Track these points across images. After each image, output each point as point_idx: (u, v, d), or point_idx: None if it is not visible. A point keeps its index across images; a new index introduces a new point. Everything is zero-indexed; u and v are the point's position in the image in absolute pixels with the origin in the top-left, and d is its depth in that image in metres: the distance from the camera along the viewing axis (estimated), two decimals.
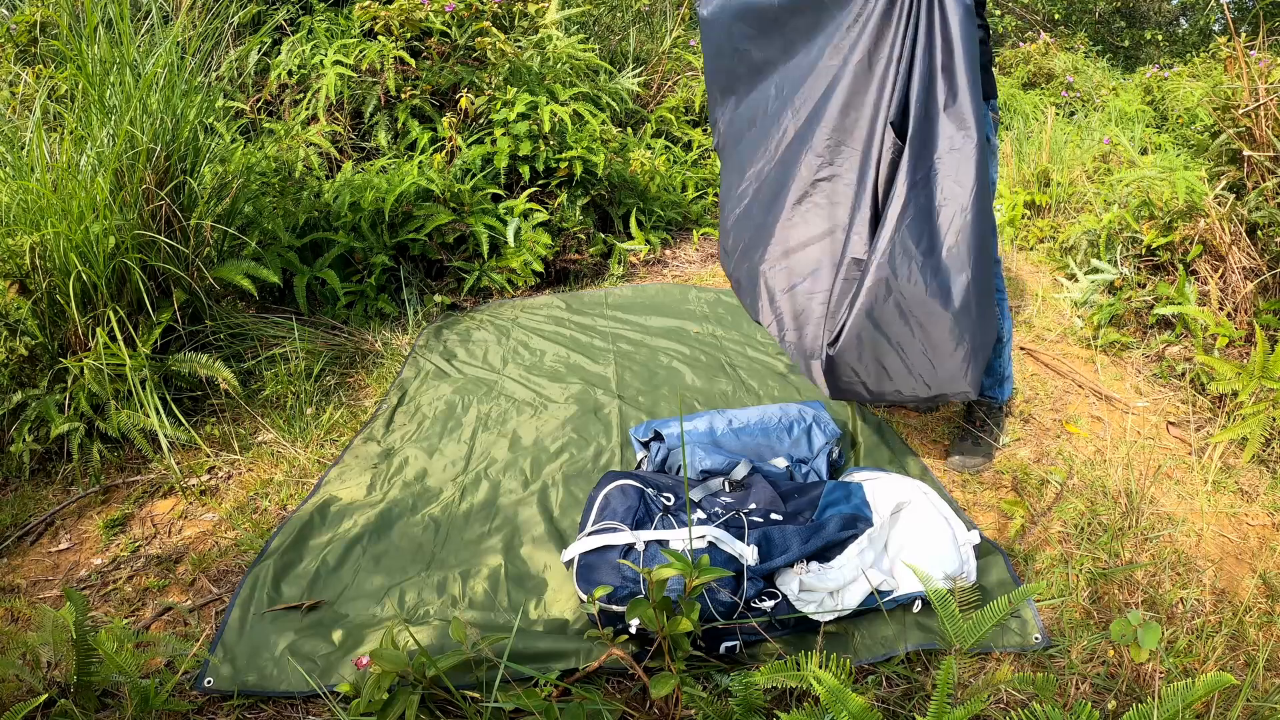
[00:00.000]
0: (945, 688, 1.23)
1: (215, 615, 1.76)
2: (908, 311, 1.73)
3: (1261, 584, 1.81)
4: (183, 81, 2.56)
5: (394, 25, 3.75)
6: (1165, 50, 10.26)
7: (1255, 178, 2.88)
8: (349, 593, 1.80)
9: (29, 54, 3.34)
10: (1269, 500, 2.11)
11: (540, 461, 2.30)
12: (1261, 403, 2.23)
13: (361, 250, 3.28)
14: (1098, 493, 2.11)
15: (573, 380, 2.77)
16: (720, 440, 2.18)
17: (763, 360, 2.94)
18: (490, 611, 1.73)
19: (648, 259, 4.10)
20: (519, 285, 3.57)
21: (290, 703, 1.53)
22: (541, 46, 4.20)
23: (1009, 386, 2.40)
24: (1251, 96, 2.88)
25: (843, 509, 1.84)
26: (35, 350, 2.26)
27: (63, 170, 2.28)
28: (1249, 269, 2.75)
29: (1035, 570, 1.86)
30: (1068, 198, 4.36)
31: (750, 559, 1.66)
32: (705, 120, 5.36)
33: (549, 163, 3.68)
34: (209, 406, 2.53)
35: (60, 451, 2.27)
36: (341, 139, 3.78)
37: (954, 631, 1.46)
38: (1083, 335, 3.10)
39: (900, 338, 1.76)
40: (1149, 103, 6.23)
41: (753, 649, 1.61)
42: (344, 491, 2.16)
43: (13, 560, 1.96)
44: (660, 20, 6.12)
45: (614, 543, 1.70)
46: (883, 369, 1.80)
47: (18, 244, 2.19)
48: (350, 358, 2.96)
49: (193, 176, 2.59)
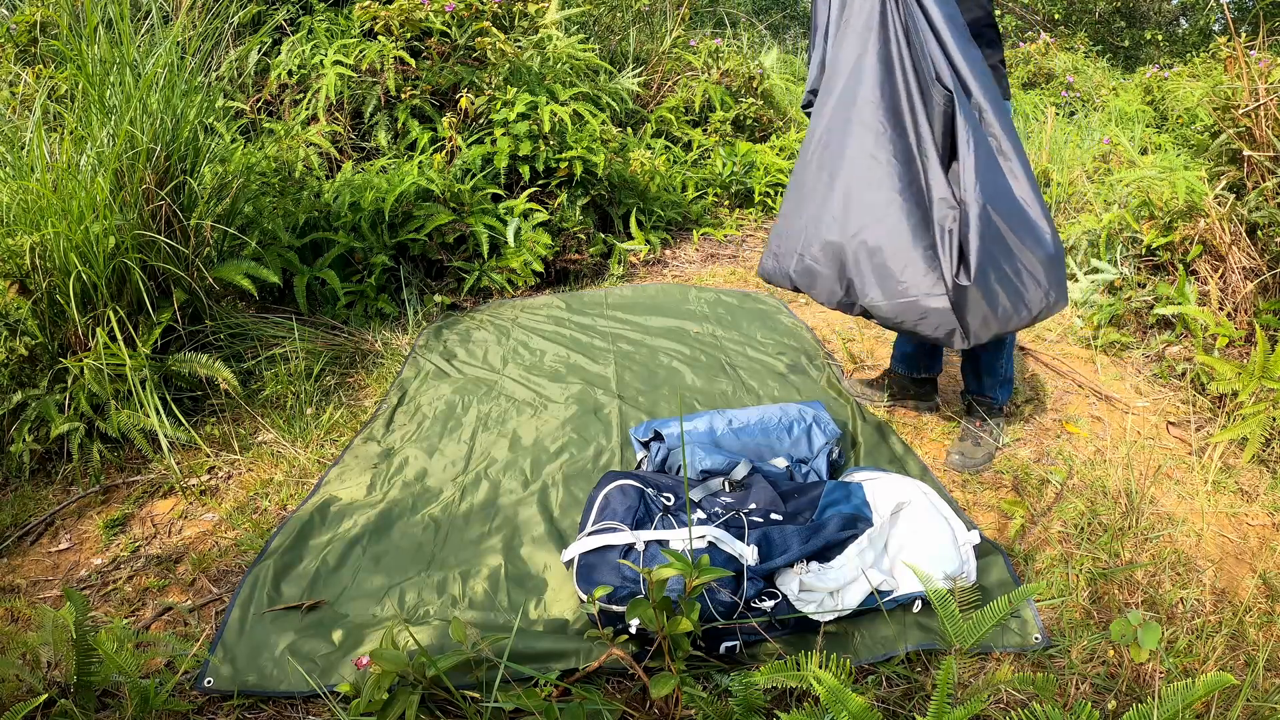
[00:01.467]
0: (945, 688, 1.23)
1: (215, 615, 1.76)
2: (1007, 236, 1.83)
3: (1261, 584, 1.81)
4: (183, 81, 2.56)
5: (394, 25, 3.75)
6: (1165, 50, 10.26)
7: (1255, 178, 2.88)
8: (349, 593, 1.80)
9: (29, 54, 3.34)
10: (1269, 500, 2.11)
11: (540, 461, 2.30)
12: (1261, 403, 2.23)
13: (361, 250, 3.28)
14: (1098, 493, 2.11)
15: (573, 380, 2.77)
16: (720, 440, 2.18)
17: (763, 360, 2.94)
18: (490, 611, 1.73)
19: (648, 259, 4.10)
20: (519, 285, 3.57)
21: (290, 703, 1.53)
22: (541, 46, 4.20)
23: (1010, 389, 2.40)
24: (1251, 96, 2.88)
25: (843, 509, 1.84)
26: (35, 350, 2.26)
27: (63, 170, 2.28)
28: (1249, 269, 2.75)
29: (1035, 570, 1.86)
30: (1068, 198, 4.36)
31: (750, 559, 1.66)
32: (705, 120, 5.37)
33: (549, 163, 3.69)
34: (209, 406, 2.53)
35: (60, 451, 2.27)
36: (341, 139, 3.78)
37: (954, 631, 1.46)
38: (1083, 335, 3.10)
39: (1008, 262, 1.85)
40: (1149, 103, 6.23)
41: (753, 649, 1.61)
42: (344, 491, 2.16)
43: (13, 560, 1.96)
44: (660, 20, 6.12)
45: (614, 543, 1.70)
46: (1001, 294, 1.86)
47: (18, 244, 2.19)
48: (350, 358, 2.96)
49: (193, 176, 2.59)
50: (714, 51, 5.68)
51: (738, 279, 3.93)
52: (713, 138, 5.16)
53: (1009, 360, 2.35)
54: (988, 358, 2.34)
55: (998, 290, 1.84)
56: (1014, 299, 1.86)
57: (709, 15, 7.91)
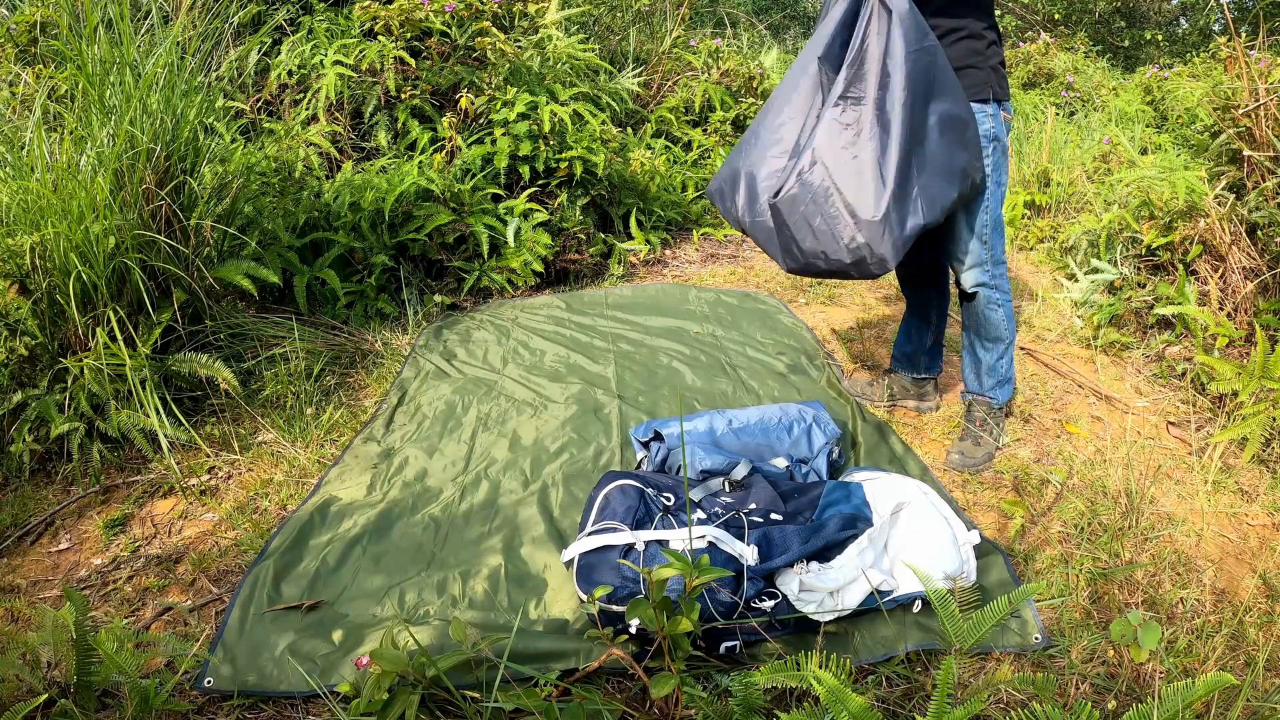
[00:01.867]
0: (945, 688, 1.23)
1: (215, 615, 1.76)
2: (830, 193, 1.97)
3: (1261, 584, 1.81)
4: (183, 81, 2.56)
5: (394, 25, 3.75)
6: (1165, 50, 10.26)
7: (1255, 178, 2.88)
8: (349, 593, 1.80)
9: (29, 54, 3.34)
10: (1269, 500, 2.11)
11: (540, 461, 2.30)
12: (1261, 403, 2.23)
13: (361, 250, 3.28)
14: (1098, 493, 2.11)
15: (573, 380, 2.77)
16: (720, 440, 2.18)
17: (763, 360, 2.94)
18: (490, 611, 1.73)
19: (648, 259, 4.10)
20: (519, 285, 3.57)
21: (290, 703, 1.53)
22: (541, 46, 4.20)
23: (1010, 389, 2.40)
24: (1251, 96, 2.88)
25: (843, 509, 1.84)
26: (35, 350, 2.26)
27: (63, 170, 2.28)
28: (1249, 269, 2.75)
29: (1035, 570, 1.86)
30: (1068, 198, 4.36)
31: (750, 559, 1.66)
32: (705, 120, 5.37)
33: (549, 163, 3.69)
34: (209, 406, 2.53)
35: (60, 451, 2.27)
36: (341, 139, 3.78)
37: (954, 631, 1.46)
38: (1083, 335, 3.10)
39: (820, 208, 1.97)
40: (1149, 103, 6.23)
41: (753, 649, 1.61)
42: (344, 491, 2.16)
43: (13, 560, 1.96)
44: (660, 20, 6.12)
45: (614, 543, 1.70)
46: (810, 229, 1.97)
47: (18, 244, 2.19)
48: (350, 358, 2.96)
49: (193, 176, 2.59)
50: (714, 51, 5.68)
51: (738, 279, 3.93)
52: (713, 138, 5.16)
53: (1009, 360, 2.35)
54: (988, 358, 2.34)
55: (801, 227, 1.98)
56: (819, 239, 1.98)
57: (709, 15, 7.91)
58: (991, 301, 2.25)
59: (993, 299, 2.25)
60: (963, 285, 2.26)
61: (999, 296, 2.25)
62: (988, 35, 2.08)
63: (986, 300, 2.25)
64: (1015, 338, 2.37)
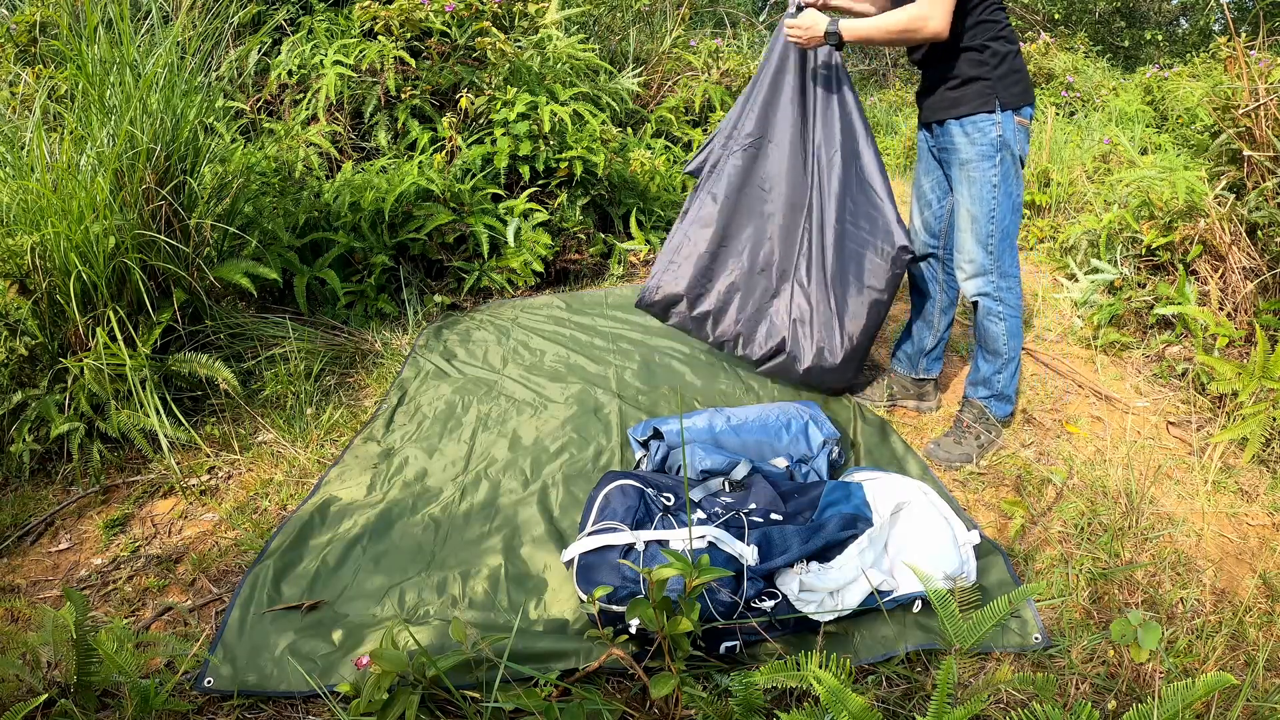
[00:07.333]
0: (945, 688, 1.23)
1: (215, 615, 1.76)
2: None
3: (1261, 584, 1.81)
4: (183, 81, 2.56)
5: (394, 25, 3.75)
6: (1165, 50, 10.26)
7: (1255, 178, 2.88)
8: (349, 593, 1.80)
9: (29, 54, 3.34)
10: (1269, 500, 2.11)
11: (540, 461, 2.30)
12: (1261, 403, 2.23)
13: (361, 250, 3.28)
14: (1098, 493, 2.11)
15: (573, 380, 2.77)
16: (720, 437, 2.18)
17: None
18: (490, 611, 1.73)
19: (648, 259, 4.10)
20: (519, 285, 3.57)
21: (290, 703, 1.53)
22: (541, 46, 4.20)
23: (1008, 408, 2.37)
24: (1251, 96, 2.88)
25: (843, 509, 1.84)
26: (35, 350, 2.26)
27: (63, 170, 2.28)
28: (1249, 269, 2.75)
29: (1035, 570, 1.86)
30: (1068, 198, 4.36)
31: (750, 559, 1.66)
32: (705, 120, 5.36)
33: (549, 163, 3.68)
34: (209, 406, 2.53)
35: (60, 451, 2.27)
36: (341, 139, 3.78)
37: (954, 631, 1.46)
38: (1083, 335, 3.10)
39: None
40: (1149, 103, 6.23)
41: (753, 649, 1.61)
42: (344, 491, 2.16)
43: (13, 560, 1.96)
44: (660, 20, 6.12)
45: (614, 543, 1.70)
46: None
47: (18, 244, 2.19)
48: (350, 358, 2.96)
49: (193, 176, 2.59)
50: (714, 51, 5.68)
51: None
52: None
53: (1009, 378, 2.31)
54: (986, 369, 2.32)
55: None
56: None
57: (709, 15, 7.91)
58: (992, 313, 2.22)
59: (994, 311, 2.22)
60: (964, 292, 2.25)
61: (1002, 310, 2.21)
62: (992, 45, 2.05)
63: (986, 311, 2.23)
64: (1018, 356, 2.31)
